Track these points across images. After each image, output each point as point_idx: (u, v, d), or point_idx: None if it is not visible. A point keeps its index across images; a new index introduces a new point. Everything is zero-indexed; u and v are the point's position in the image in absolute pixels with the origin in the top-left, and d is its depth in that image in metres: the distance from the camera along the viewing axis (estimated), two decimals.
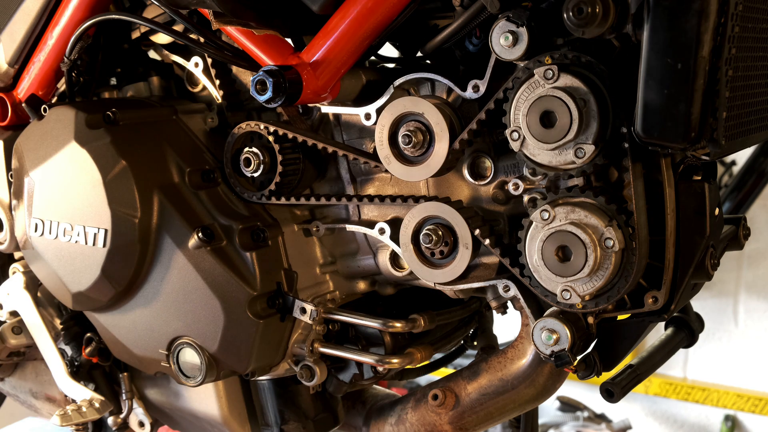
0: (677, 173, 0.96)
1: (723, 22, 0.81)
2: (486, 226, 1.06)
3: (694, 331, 1.25)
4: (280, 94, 1.00)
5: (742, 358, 3.70)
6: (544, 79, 0.90)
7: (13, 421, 3.15)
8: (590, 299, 0.96)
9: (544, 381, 1.12)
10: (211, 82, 1.23)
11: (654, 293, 0.96)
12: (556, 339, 0.98)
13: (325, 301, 1.21)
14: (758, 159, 3.08)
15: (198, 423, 1.36)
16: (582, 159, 0.89)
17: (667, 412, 3.90)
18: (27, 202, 1.24)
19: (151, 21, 1.17)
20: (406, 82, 1.07)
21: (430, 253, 1.08)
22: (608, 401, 1.05)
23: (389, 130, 1.05)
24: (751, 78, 0.93)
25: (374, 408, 1.33)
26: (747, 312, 3.69)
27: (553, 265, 0.95)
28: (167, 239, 1.13)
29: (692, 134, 0.83)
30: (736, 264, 3.64)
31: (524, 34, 0.90)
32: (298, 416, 1.28)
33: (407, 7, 1.01)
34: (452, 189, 1.11)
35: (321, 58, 1.03)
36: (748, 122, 0.94)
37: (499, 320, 1.40)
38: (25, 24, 1.31)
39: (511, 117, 0.93)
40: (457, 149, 1.02)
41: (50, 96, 1.35)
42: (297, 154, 1.15)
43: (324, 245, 1.23)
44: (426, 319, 1.17)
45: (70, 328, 1.38)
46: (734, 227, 1.16)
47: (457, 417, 1.18)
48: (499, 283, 1.04)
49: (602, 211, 0.93)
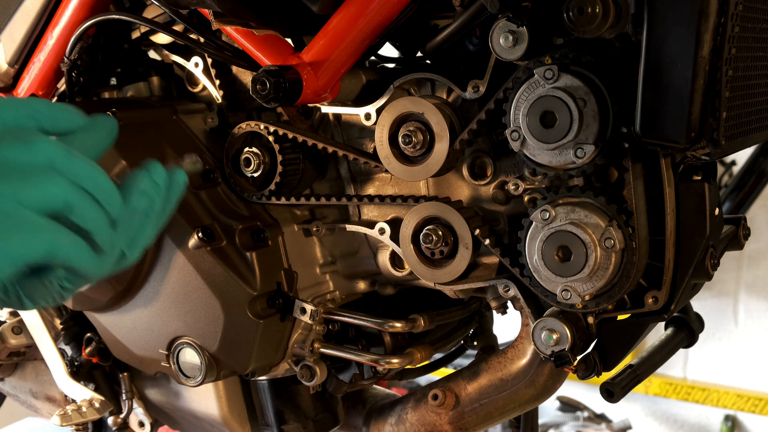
0: (677, 173, 0.96)
1: (723, 22, 0.81)
2: (486, 226, 1.06)
3: (694, 331, 1.25)
4: (280, 94, 1.00)
5: (742, 358, 3.70)
6: (544, 79, 0.90)
7: (13, 421, 3.15)
8: (590, 299, 0.96)
9: (544, 381, 1.12)
10: (211, 82, 1.23)
11: (654, 293, 0.96)
12: (556, 339, 0.98)
13: (325, 301, 1.21)
14: (758, 159, 3.08)
15: (198, 423, 1.36)
16: (582, 159, 0.89)
17: (667, 412, 3.90)
18: None
19: (151, 21, 1.17)
20: (406, 82, 1.07)
21: (430, 253, 1.08)
22: (608, 401, 1.05)
23: (389, 130, 1.05)
24: (751, 78, 0.93)
25: (374, 408, 1.33)
26: (747, 312, 3.70)
27: (553, 265, 0.95)
28: (167, 239, 1.13)
29: (692, 134, 0.83)
30: (736, 264, 3.64)
31: (524, 34, 0.90)
32: (298, 416, 1.28)
33: (407, 7, 1.02)
34: (452, 189, 1.11)
35: (321, 58, 1.03)
36: (748, 122, 0.94)
37: (499, 320, 1.40)
38: (25, 24, 1.31)
39: (511, 117, 0.93)
40: (457, 149, 1.02)
41: (50, 96, 1.35)
42: (297, 154, 1.15)
43: (324, 245, 1.23)
44: (426, 319, 1.17)
45: (70, 328, 1.38)
46: (734, 227, 1.16)
47: (457, 417, 1.18)
48: (499, 283, 1.04)
49: (602, 211, 0.93)
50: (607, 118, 0.88)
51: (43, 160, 0.59)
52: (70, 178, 0.60)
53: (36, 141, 0.60)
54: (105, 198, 0.63)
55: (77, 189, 0.60)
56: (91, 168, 0.62)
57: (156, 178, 0.69)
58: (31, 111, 0.63)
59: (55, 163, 0.60)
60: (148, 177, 0.68)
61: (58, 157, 0.60)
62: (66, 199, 0.59)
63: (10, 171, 0.57)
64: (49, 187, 0.58)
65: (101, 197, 0.62)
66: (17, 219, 0.56)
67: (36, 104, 0.64)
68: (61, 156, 0.60)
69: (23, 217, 0.56)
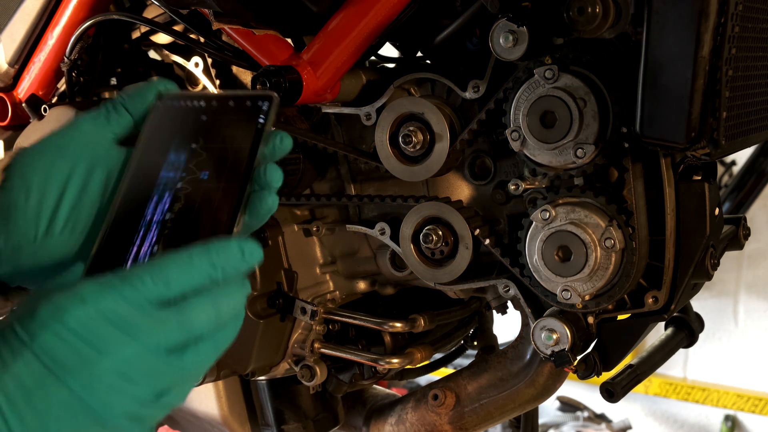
0: (677, 173, 0.96)
1: (723, 22, 0.81)
2: (486, 226, 1.06)
3: (694, 331, 1.25)
4: (280, 94, 1.00)
5: (742, 358, 3.70)
6: (544, 79, 0.90)
7: None
8: (590, 299, 0.96)
9: (544, 381, 1.12)
10: (211, 82, 1.23)
11: (654, 293, 0.96)
12: (556, 339, 0.98)
13: (325, 301, 1.21)
14: (758, 159, 3.07)
15: (198, 423, 1.36)
16: (582, 159, 0.89)
17: (667, 412, 3.90)
18: None
19: (151, 21, 1.17)
20: (406, 82, 1.07)
21: (431, 253, 1.08)
22: (608, 401, 1.05)
23: (389, 130, 1.05)
24: (751, 78, 0.93)
25: (374, 408, 1.33)
26: (747, 312, 3.69)
27: (553, 265, 0.95)
28: None
29: (692, 134, 0.83)
30: (736, 264, 3.64)
31: (524, 34, 0.90)
32: (298, 416, 1.28)
33: (407, 7, 1.01)
34: (452, 189, 1.11)
35: (321, 58, 1.03)
36: (748, 122, 0.94)
37: (499, 320, 1.39)
38: (25, 24, 1.31)
39: (512, 117, 0.93)
40: (457, 149, 1.02)
41: (50, 96, 1.35)
42: (297, 154, 1.15)
43: (324, 245, 1.23)
44: (426, 319, 1.17)
45: None
46: (734, 227, 1.16)
47: (457, 417, 1.18)
48: (499, 283, 1.04)
49: (602, 211, 0.93)
50: (607, 118, 0.88)
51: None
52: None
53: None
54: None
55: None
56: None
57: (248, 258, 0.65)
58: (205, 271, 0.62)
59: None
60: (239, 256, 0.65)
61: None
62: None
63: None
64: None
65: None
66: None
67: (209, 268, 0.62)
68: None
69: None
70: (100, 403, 0.54)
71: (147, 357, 0.56)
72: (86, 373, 0.54)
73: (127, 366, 0.55)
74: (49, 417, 0.53)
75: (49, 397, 0.53)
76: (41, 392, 0.53)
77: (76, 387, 0.54)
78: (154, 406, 0.57)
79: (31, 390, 0.53)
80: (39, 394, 0.53)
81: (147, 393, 0.56)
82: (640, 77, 0.84)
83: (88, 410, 0.54)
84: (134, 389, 0.55)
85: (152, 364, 0.56)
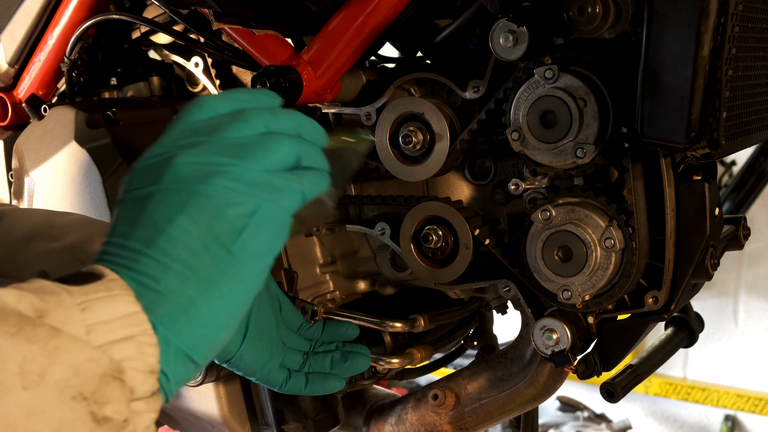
0: (677, 173, 0.96)
1: (723, 22, 0.81)
2: (486, 226, 1.06)
3: (694, 331, 1.25)
4: (280, 94, 1.00)
5: (742, 358, 3.70)
6: (544, 79, 0.90)
7: None
8: (590, 299, 0.96)
9: (544, 381, 1.12)
10: (211, 82, 1.23)
11: (654, 293, 0.96)
12: (556, 339, 0.98)
13: (325, 301, 1.21)
14: (758, 159, 3.08)
15: (198, 423, 1.36)
16: (582, 159, 0.89)
17: (667, 412, 3.91)
18: (27, 202, 1.24)
19: (151, 21, 1.17)
20: (406, 82, 1.07)
21: (430, 253, 1.08)
22: (608, 401, 1.05)
23: (389, 130, 1.05)
24: (751, 78, 0.93)
25: (374, 408, 1.33)
26: (747, 312, 3.70)
27: (553, 265, 0.95)
28: None
29: (692, 134, 0.83)
30: (736, 264, 3.64)
31: (524, 34, 0.90)
32: (297, 416, 1.28)
33: (407, 7, 1.02)
34: (452, 189, 1.11)
35: (321, 58, 1.03)
36: (748, 122, 0.94)
37: (499, 320, 1.39)
38: (25, 24, 1.31)
39: (512, 117, 0.93)
40: (457, 149, 1.02)
41: (50, 96, 1.35)
42: None
43: (324, 245, 1.23)
44: (426, 319, 1.17)
45: None
46: (734, 227, 1.16)
47: (457, 417, 1.18)
48: (500, 283, 1.04)
49: (602, 211, 0.93)
50: (607, 118, 0.88)
51: (261, 127, 0.68)
52: (286, 132, 0.70)
53: (248, 115, 0.68)
54: (314, 136, 0.73)
55: (296, 139, 0.70)
56: (293, 116, 0.72)
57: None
58: (236, 99, 0.72)
59: (270, 126, 0.69)
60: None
61: (269, 120, 0.69)
62: (295, 152, 0.69)
63: (245, 148, 0.66)
64: (279, 148, 0.68)
65: (312, 137, 0.73)
66: (275, 185, 0.66)
67: (241, 94, 0.73)
68: (271, 119, 0.69)
69: (277, 182, 0.66)
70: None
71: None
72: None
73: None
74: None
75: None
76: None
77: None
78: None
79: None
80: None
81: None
82: (640, 77, 0.84)
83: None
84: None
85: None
